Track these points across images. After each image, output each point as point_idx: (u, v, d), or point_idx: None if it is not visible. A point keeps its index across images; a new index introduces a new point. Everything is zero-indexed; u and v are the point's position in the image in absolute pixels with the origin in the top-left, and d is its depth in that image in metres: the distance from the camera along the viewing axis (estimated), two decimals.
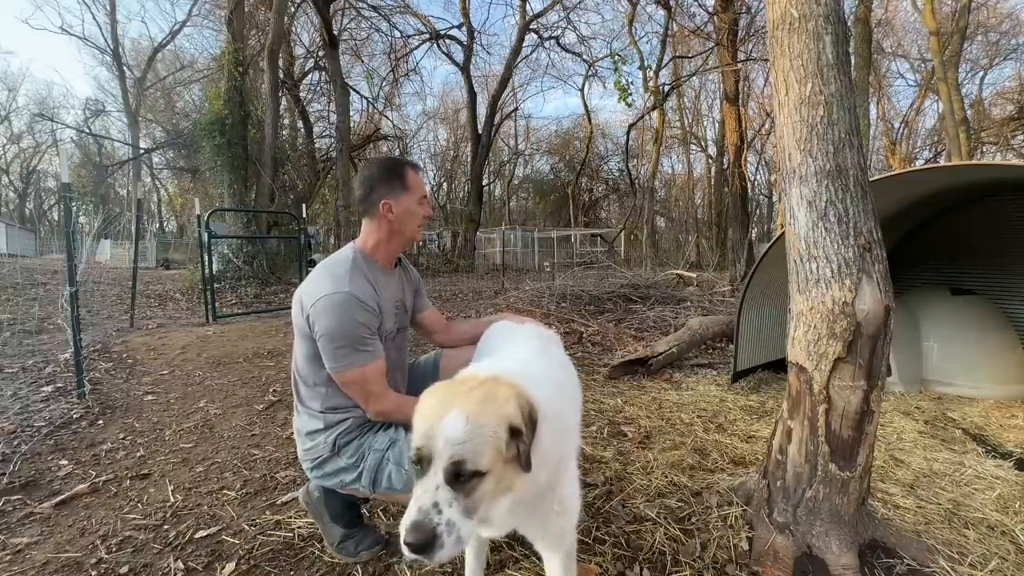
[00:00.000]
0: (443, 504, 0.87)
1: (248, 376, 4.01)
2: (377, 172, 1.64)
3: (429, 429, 0.91)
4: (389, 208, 1.61)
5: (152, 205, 35.03)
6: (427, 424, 0.92)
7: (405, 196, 1.63)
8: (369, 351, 1.48)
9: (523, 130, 33.88)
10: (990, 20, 20.19)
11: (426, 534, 0.84)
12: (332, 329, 1.43)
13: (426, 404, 0.98)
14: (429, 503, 0.86)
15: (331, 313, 1.43)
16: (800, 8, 1.64)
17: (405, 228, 1.67)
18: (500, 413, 0.93)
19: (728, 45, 11.35)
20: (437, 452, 0.89)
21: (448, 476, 0.88)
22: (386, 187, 1.61)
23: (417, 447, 0.91)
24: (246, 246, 10.56)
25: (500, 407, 0.94)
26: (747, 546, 1.67)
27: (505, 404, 0.95)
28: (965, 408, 3.11)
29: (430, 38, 17.41)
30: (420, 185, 1.68)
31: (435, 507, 0.86)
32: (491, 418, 0.92)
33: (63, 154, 3.52)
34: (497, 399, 0.96)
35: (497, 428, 0.92)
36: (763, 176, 29.80)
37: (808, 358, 1.61)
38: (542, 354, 1.36)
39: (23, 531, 1.85)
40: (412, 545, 0.84)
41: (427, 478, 0.89)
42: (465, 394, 0.96)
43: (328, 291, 1.46)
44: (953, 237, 4.07)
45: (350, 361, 1.46)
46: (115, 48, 26.32)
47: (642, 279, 8.70)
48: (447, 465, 0.88)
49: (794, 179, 1.66)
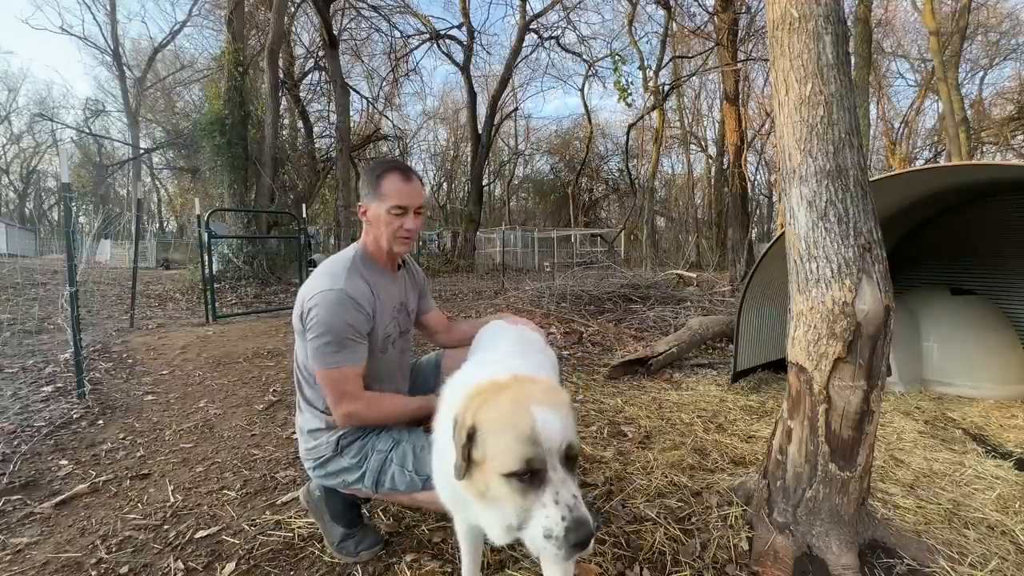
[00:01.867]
0: (577, 492, 0.89)
1: (248, 376, 4.01)
2: (364, 173, 1.65)
3: (527, 434, 0.90)
4: (363, 211, 1.61)
5: (152, 205, 35.04)
6: (521, 431, 0.91)
7: (376, 203, 1.57)
8: (353, 352, 1.48)
9: (523, 130, 33.95)
10: (990, 20, 20.19)
11: (590, 527, 0.86)
12: (322, 325, 1.44)
13: (497, 418, 0.95)
14: (572, 497, 0.88)
15: (323, 308, 1.44)
16: (800, 8, 1.64)
17: (380, 236, 1.59)
18: (565, 398, 1.01)
19: (728, 45, 11.35)
20: (549, 448, 0.90)
21: (563, 463, 0.91)
22: (365, 189, 1.61)
23: (527, 459, 0.89)
24: (246, 246, 10.56)
25: (561, 394, 1.02)
26: (747, 546, 1.67)
27: (561, 392, 1.04)
28: (965, 408, 3.11)
29: (430, 38, 17.41)
30: (395, 193, 1.54)
31: (575, 499, 0.88)
32: (563, 404, 0.98)
33: (63, 154, 3.52)
34: (555, 390, 1.03)
35: (570, 411, 0.99)
36: (763, 176, 29.83)
37: (808, 358, 1.61)
38: (520, 356, 1.38)
39: (23, 531, 1.85)
40: (586, 543, 0.85)
41: (552, 477, 0.89)
42: (528, 393, 0.99)
43: (324, 287, 1.47)
44: (953, 237, 4.07)
45: (334, 360, 1.45)
46: (115, 48, 26.34)
47: (642, 279, 8.70)
48: (562, 455, 0.91)
49: (794, 179, 1.66)
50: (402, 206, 1.55)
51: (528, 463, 0.89)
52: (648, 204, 18.93)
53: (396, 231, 1.58)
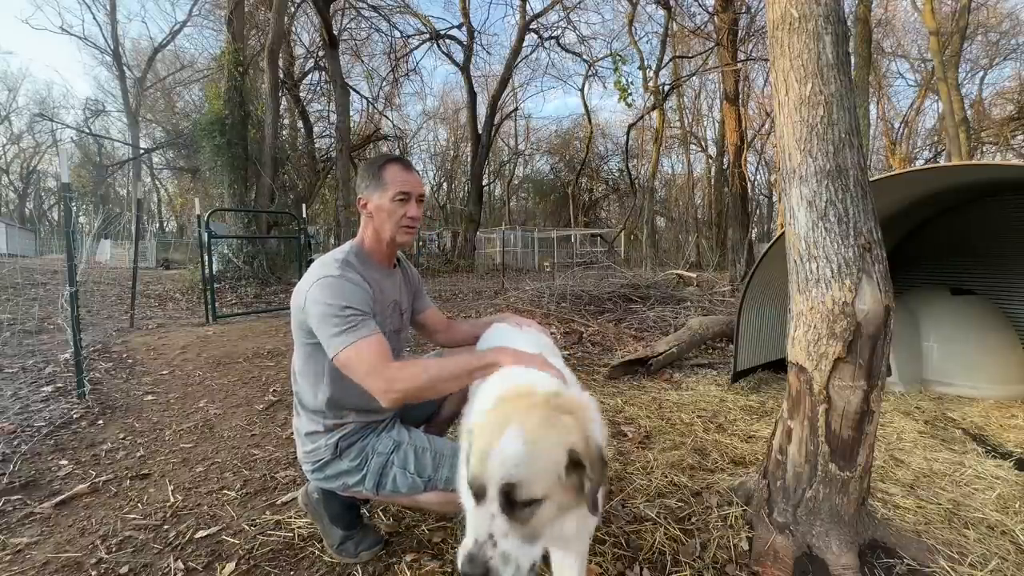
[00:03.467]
0: (498, 535, 0.82)
1: (248, 376, 4.01)
2: (362, 168, 1.65)
3: (483, 453, 0.86)
4: (364, 204, 1.60)
5: (152, 205, 35.03)
6: (482, 447, 0.88)
7: (378, 193, 1.57)
8: (364, 327, 1.38)
9: (523, 130, 33.95)
10: (990, 20, 20.19)
11: (480, 568, 0.80)
12: (323, 309, 1.38)
13: (486, 422, 0.93)
14: (485, 534, 0.82)
15: (320, 293, 1.40)
16: (800, 8, 1.64)
17: (382, 227, 1.58)
18: (560, 438, 0.88)
19: (728, 45, 11.35)
20: (489, 477, 0.84)
21: (502, 503, 0.83)
22: (364, 183, 1.60)
23: (473, 475, 0.86)
24: (246, 246, 10.55)
25: (561, 432, 0.89)
26: (747, 546, 1.67)
27: (569, 432, 0.90)
28: (965, 408, 3.11)
29: (430, 38, 17.41)
30: (399, 181, 1.56)
31: (490, 539, 0.82)
32: (550, 442, 0.87)
33: (63, 154, 3.53)
34: (559, 423, 0.91)
35: (556, 453, 0.87)
36: (763, 176, 29.82)
37: (808, 358, 1.61)
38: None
39: (23, 531, 1.85)
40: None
41: (482, 506, 0.85)
42: (525, 411, 0.91)
43: (319, 276, 1.45)
44: (953, 237, 4.07)
45: (345, 340, 1.35)
46: (115, 48, 26.32)
47: (642, 279, 8.69)
48: (499, 491, 0.83)
49: (794, 179, 1.66)
50: (406, 192, 1.56)
51: (473, 479, 0.86)
52: (648, 204, 18.92)
53: (400, 219, 1.57)
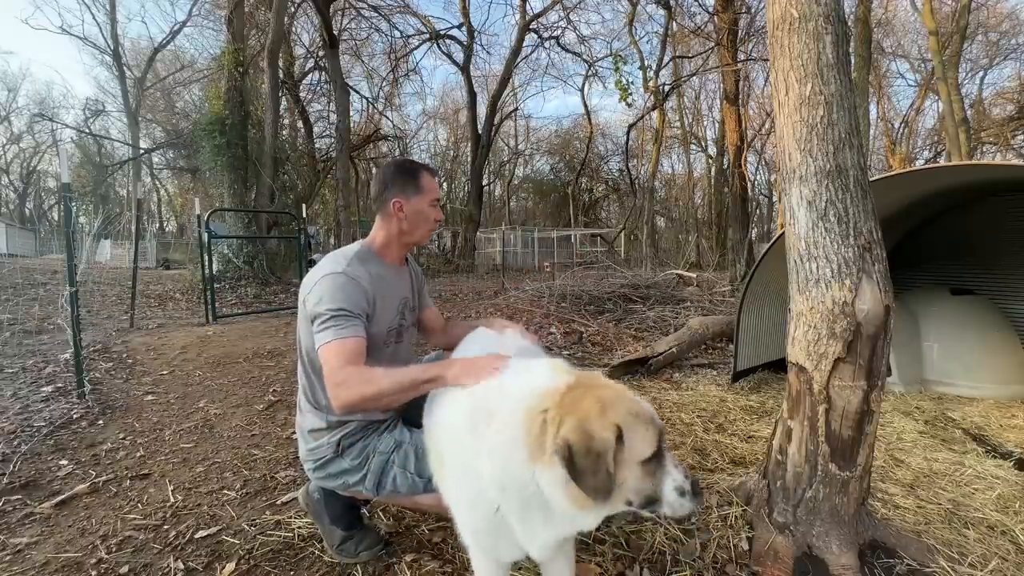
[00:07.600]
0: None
1: (248, 376, 4.02)
2: (393, 171, 1.68)
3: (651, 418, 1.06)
4: (400, 207, 1.62)
5: (152, 205, 35.05)
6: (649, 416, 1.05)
7: (417, 197, 1.64)
8: (347, 328, 1.41)
9: (523, 130, 33.93)
10: (990, 20, 20.20)
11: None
12: (322, 303, 1.44)
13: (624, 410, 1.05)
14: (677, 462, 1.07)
15: (323, 287, 1.46)
16: (800, 8, 1.64)
17: (415, 229, 1.67)
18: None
19: (728, 45, 11.36)
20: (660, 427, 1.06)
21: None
22: (399, 186, 1.63)
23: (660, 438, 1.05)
24: (246, 246, 10.56)
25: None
26: (747, 546, 1.67)
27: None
28: (965, 408, 3.11)
29: (430, 38, 17.41)
30: (433, 188, 1.68)
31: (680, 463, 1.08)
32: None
33: (63, 154, 3.53)
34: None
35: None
36: (763, 176, 29.77)
37: (808, 358, 1.61)
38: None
39: (23, 531, 1.85)
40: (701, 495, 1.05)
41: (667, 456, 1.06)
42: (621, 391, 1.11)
43: (326, 272, 1.49)
44: (953, 237, 4.07)
45: (324, 337, 1.40)
46: (115, 48, 26.28)
47: (642, 279, 8.67)
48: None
49: (794, 179, 1.66)
50: (438, 198, 1.71)
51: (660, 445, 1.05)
52: (648, 204, 18.89)
53: (432, 223, 1.71)
